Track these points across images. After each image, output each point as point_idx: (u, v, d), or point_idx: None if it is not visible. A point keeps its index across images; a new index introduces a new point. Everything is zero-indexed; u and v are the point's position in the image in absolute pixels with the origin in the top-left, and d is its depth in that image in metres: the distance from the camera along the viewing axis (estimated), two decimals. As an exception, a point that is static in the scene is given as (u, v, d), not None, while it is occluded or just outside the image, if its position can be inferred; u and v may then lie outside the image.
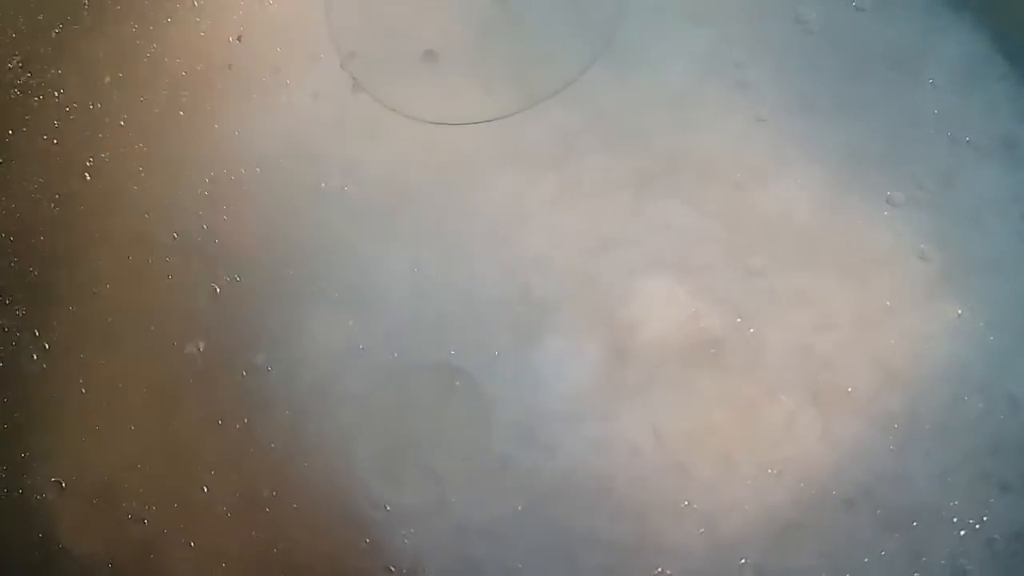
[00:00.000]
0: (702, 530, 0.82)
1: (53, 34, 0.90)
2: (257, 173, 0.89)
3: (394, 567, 0.82)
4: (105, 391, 0.85)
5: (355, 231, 0.88)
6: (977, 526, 0.81)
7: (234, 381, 0.85)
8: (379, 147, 0.89)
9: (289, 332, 0.86)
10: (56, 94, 0.90)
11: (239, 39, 0.92)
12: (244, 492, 0.84)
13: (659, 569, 0.82)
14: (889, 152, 0.87)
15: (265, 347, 0.85)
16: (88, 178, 0.89)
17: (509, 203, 0.87)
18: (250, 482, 0.84)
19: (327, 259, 0.87)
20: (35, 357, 0.85)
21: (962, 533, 0.81)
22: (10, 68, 0.90)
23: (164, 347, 0.86)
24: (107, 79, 0.90)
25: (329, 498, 0.83)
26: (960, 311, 0.85)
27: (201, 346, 0.85)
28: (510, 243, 0.87)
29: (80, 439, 0.85)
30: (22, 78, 0.90)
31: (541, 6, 0.91)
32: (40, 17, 0.90)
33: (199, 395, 0.85)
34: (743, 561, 0.82)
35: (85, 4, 0.91)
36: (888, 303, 0.85)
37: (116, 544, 0.84)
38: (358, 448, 0.84)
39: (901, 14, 0.89)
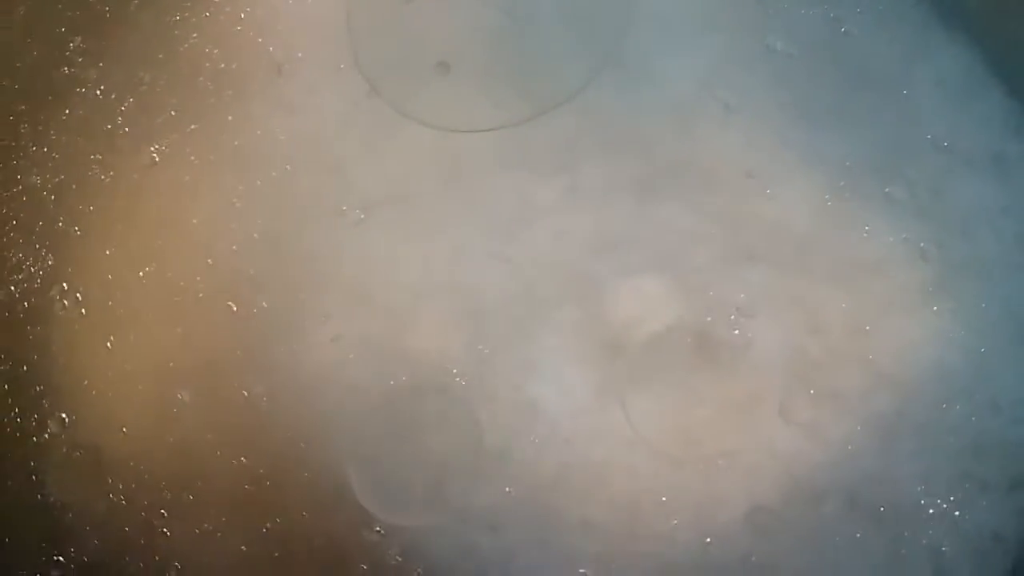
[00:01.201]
0: (693, 521, 0.84)
1: (103, 18, 0.95)
2: (285, 174, 0.92)
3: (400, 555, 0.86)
4: (126, 356, 0.89)
5: (363, 235, 0.91)
6: (958, 523, 0.83)
7: (234, 406, 0.87)
8: (392, 152, 0.92)
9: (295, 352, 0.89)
10: (99, 90, 0.94)
11: (272, 47, 0.95)
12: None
13: (650, 556, 0.84)
14: (883, 163, 0.90)
15: (268, 373, 0.88)
16: (157, 160, 0.92)
17: (514, 206, 0.91)
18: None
19: (336, 269, 0.90)
20: (65, 304, 0.89)
21: (943, 530, 0.82)
22: (71, 48, 0.94)
23: (176, 354, 0.89)
24: (145, 76, 0.94)
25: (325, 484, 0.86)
26: (948, 318, 0.87)
27: (207, 370, 0.88)
28: (514, 244, 0.90)
29: (90, 393, 0.88)
30: (80, 57, 0.94)
31: (549, 20, 0.95)
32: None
33: (201, 412, 0.88)
34: (734, 552, 0.84)
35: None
36: (879, 308, 0.87)
37: (92, 504, 0.86)
38: (357, 447, 0.87)
39: (895, 32, 0.92)
